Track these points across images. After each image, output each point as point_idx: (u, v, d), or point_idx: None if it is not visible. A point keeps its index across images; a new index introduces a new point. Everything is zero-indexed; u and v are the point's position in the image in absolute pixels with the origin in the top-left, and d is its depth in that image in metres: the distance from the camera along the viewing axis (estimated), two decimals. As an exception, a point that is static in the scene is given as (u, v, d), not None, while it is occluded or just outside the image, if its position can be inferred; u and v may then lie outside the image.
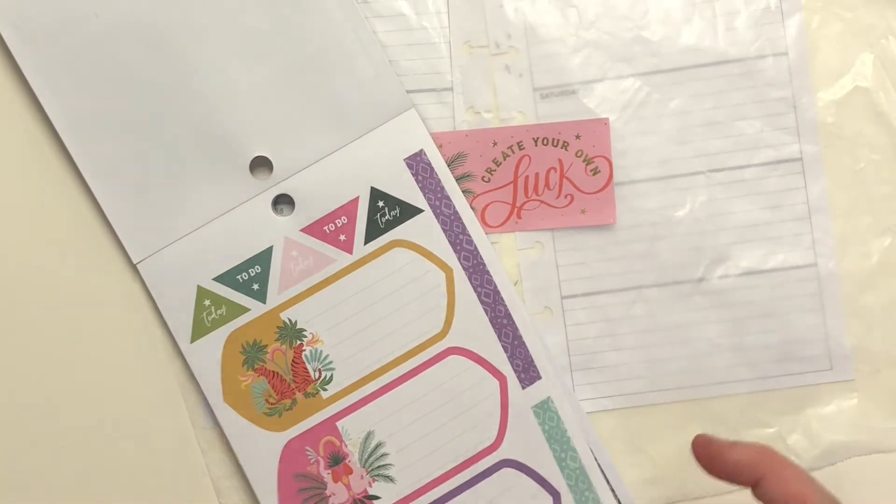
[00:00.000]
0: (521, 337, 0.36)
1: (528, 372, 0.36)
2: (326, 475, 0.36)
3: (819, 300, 0.37)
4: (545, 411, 0.36)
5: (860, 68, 0.38)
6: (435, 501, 0.36)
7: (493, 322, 0.36)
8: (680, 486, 0.37)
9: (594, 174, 0.37)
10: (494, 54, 0.38)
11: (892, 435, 0.37)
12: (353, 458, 0.36)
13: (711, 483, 0.37)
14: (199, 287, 0.36)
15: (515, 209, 0.38)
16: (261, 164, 0.37)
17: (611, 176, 0.37)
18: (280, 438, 0.36)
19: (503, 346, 0.36)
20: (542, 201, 0.38)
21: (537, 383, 0.36)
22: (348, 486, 0.36)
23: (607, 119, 0.37)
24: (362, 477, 0.36)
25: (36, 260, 0.37)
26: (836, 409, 0.37)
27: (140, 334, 0.37)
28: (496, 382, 0.36)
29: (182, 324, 0.36)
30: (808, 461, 0.37)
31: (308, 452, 0.36)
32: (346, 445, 0.36)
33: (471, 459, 0.36)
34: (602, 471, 0.36)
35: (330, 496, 0.36)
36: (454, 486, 0.36)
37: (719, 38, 0.38)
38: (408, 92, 0.37)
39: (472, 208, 0.37)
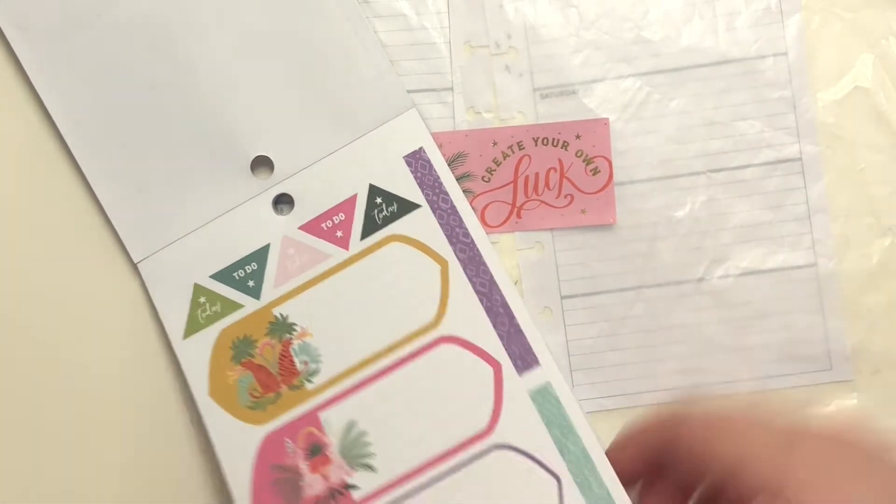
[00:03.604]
0: (517, 325, 0.36)
1: (525, 359, 0.36)
2: (304, 466, 0.36)
3: (819, 300, 0.37)
4: (544, 397, 0.35)
5: (860, 68, 0.38)
6: (417, 488, 0.35)
7: (489, 311, 0.36)
8: (680, 486, 0.37)
9: (594, 174, 0.37)
10: (495, 54, 0.38)
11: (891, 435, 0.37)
12: (333, 449, 0.36)
13: (711, 483, 0.37)
14: (195, 285, 0.36)
15: (515, 209, 0.38)
16: (262, 164, 0.37)
17: (611, 176, 0.37)
18: (260, 431, 0.36)
19: (499, 334, 0.36)
20: (542, 201, 0.38)
21: (535, 369, 0.35)
22: (326, 477, 0.36)
23: (607, 119, 0.37)
24: (341, 467, 0.36)
25: (37, 259, 0.37)
26: (837, 409, 0.37)
27: (140, 333, 0.37)
28: (490, 369, 0.36)
29: (176, 321, 0.36)
30: (808, 461, 0.37)
31: (287, 444, 0.36)
32: (326, 436, 0.36)
33: (459, 447, 0.35)
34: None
35: (305, 487, 0.36)
36: (439, 473, 0.35)
37: (719, 38, 0.38)
38: (408, 92, 0.37)
39: (473, 208, 0.37)
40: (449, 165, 0.37)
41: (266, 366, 0.36)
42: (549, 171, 0.37)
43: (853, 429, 0.27)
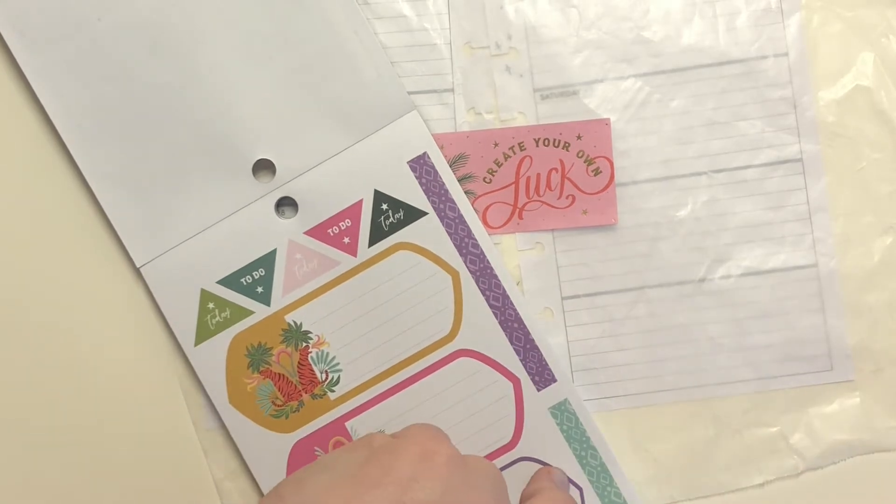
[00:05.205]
0: (532, 340, 0.36)
1: (542, 375, 0.36)
2: None
3: (820, 300, 0.38)
4: (562, 413, 0.36)
5: (861, 67, 0.38)
6: None
7: (504, 325, 0.36)
8: (683, 484, 0.37)
9: (595, 174, 0.37)
10: (495, 55, 0.38)
11: (893, 434, 0.37)
12: None
13: (714, 482, 0.37)
14: (202, 290, 0.36)
15: (517, 210, 0.38)
16: (263, 167, 0.37)
17: (612, 176, 0.37)
18: (288, 439, 0.36)
19: (515, 349, 0.36)
20: (543, 202, 0.38)
21: (552, 386, 0.36)
22: None
23: (608, 119, 0.37)
24: None
25: (39, 264, 0.37)
26: (839, 409, 0.37)
27: (143, 338, 0.37)
28: (509, 384, 0.36)
29: (186, 327, 0.36)
30: (810, 460, 0.37)
31: (317, 452, 0.36)
32: None
33: (487, 457, 0.36)
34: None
35: None
36: None
37: (720, 38, 0.38)
38: (409, 93, 0.37)
39: (474, 209, 0.37)
40: (450, 167, 0.37)
41: (285, 374, 0.36)
42: (550, 172, 0.37)
43: None
